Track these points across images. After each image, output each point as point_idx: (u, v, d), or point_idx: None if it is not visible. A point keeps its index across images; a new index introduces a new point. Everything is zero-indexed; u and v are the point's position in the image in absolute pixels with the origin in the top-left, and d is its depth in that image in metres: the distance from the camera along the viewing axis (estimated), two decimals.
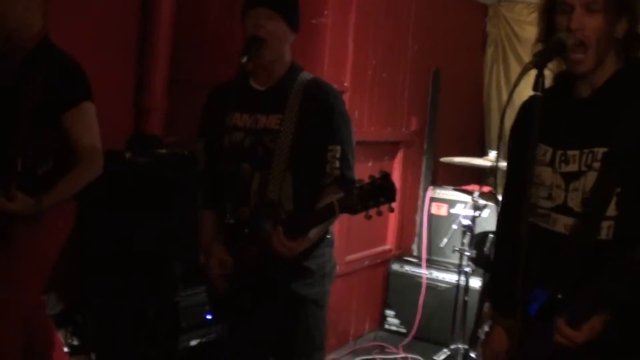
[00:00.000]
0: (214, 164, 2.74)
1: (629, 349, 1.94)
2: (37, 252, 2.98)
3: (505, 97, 6.10)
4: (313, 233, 2.51)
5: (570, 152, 1.98)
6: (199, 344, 3.62)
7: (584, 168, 1.94)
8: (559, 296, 1.92)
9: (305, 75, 2.70)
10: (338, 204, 2.32)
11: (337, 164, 2.58)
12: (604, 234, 1.91)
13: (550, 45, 1.90)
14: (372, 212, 2.29)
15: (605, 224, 1.91)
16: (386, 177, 2.26)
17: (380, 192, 2.25)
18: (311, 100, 2.62)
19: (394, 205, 2.30)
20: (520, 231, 1.84)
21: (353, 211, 2.31)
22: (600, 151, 1.91)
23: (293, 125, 2.59)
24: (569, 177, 1.97)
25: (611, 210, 1.90)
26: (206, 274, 2.74)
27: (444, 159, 5.00)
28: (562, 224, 1.99)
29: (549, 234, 2.02)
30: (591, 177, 1.92)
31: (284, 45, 2.65)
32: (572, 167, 1.97)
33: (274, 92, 2.67)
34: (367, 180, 2.28)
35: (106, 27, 4.09)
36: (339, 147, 2.59)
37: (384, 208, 2.27)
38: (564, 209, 1.99)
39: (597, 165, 1.91)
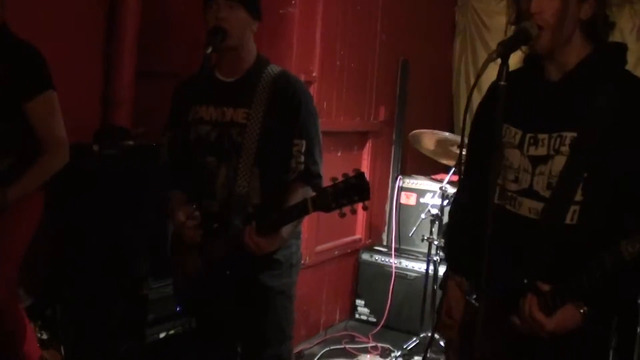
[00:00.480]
0: (181, 157, 2.73)
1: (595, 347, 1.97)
2: (9, 243, 2.95)
3: None
4: (286, 232, 2.51)
5: (540, 136, 1.97)
6: (167, 336, 3.61)
7: (552, 152, 1.94)
8: (525, 281, 1.92)
9: (273, 68, 2.69)
10: (312, 203, 2.33)
11: (302, 159, 2.59)
12: (568, 219, 1.91)
13: (514, 34, 1.89)
14: (346, 209, 2.30)
15: (570, 209, 1.91)
16: (361, 176, 2.26)
17: (354, 190, 2.26)
18: (279, 95, 2.61)
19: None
20: (485, 212, 1.83)
21: (327, 209, 2.31)
22: (568, 135, 1.91)
23: (260, 119, 2.58)
24: (537, 161, 1.97)
25: (577, 195, 1.90)
26: (173, 256, 2.71)
27: (413, 132, 4.81)
28: (527, 207, 2.00)
29: (513, 217, 2.03)
30: (558, 161, 1.92)
31: (247, 34, 2.63)
32: (541, 151, 1.97)
33: (241, 85, 2.65)
34: (340, 178, 2.28)
35: (72, 17, 4.02)
36: (304, 142, 2.60)
37: (357, 205, 2.29)
38: (529, 193, 1.99)
39: (564, 149, 1.91)
